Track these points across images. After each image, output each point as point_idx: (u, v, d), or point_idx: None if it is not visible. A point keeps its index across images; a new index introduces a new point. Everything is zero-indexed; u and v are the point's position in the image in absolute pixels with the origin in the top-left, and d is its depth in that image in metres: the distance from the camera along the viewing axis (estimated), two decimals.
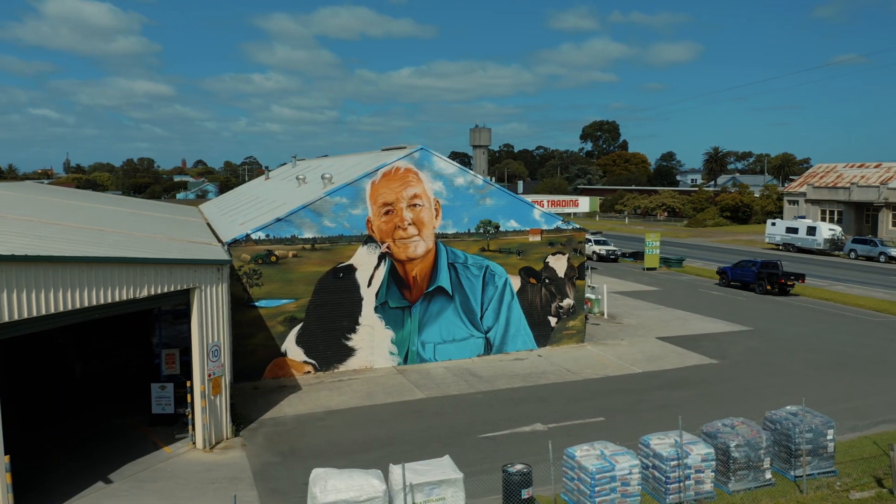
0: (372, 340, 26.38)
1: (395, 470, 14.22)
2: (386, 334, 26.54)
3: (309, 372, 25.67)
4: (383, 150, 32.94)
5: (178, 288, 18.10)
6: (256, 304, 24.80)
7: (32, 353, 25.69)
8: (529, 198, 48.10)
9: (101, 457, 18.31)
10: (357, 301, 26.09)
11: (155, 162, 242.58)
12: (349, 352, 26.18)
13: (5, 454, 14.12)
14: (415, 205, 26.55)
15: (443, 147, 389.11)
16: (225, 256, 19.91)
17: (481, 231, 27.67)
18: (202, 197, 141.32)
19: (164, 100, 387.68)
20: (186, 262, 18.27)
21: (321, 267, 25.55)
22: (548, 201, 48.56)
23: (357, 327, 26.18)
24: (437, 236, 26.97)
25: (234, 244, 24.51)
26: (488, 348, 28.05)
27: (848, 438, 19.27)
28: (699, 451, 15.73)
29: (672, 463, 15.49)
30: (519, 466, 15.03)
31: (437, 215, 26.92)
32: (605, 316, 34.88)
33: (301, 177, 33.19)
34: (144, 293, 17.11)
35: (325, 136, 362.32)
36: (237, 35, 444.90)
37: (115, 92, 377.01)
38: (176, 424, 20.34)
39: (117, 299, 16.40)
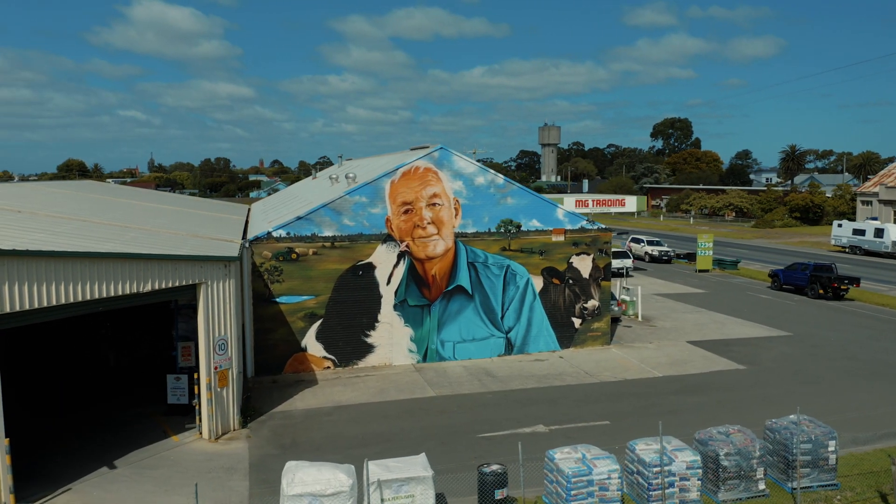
0: (391, 338, 26.65)
1: (371, 465, 14.40)
2: (405, 332, 26.77)
3: (328, 367, 26.15)
4: (411, 149, 33.19)
5: (184, 283, 18.76)
6: (277, 300, 25.43)
7: (74, 342, 27.20)
8: (576, 197, 47.68)
9: (112, 443, 19.16)
10: (376, 299, 26.41)
11: (231, 161, 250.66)
12: (368, 348, 26.53)
13: (6, 437, 15.00)
14: (434, 204, 26.68)
15: (513, 146, 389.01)
16: (233, 253, 20.50)
17: (502, 230, 27.57)
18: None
19: (244, 101, 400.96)
20: (191, 258, 18.92)
21: (341, 265, 25.98)
22: (593, 200, 47.88)
23: (376, 324, 26.51)
24: (457, 235, 27.02)
25: (255, 241, 25.21)
26: (509, 348, 27.92)
27: (862, 450, 18.38)
28: (685, 459, 15.30)
29: (654, 469, 15.13)
30: (494, 467, 14.99)
31: (456, 214, 26.97)
32: (640, 318, 34.18)
33: (334, 176, 33.80)
34: (148, 287, 17.81)
35: (398, 136, 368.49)
36: (315, 37, 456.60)
37: (199, 94, 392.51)
38: (189, 414, 21.06)
39: (120, 293, 17.13)
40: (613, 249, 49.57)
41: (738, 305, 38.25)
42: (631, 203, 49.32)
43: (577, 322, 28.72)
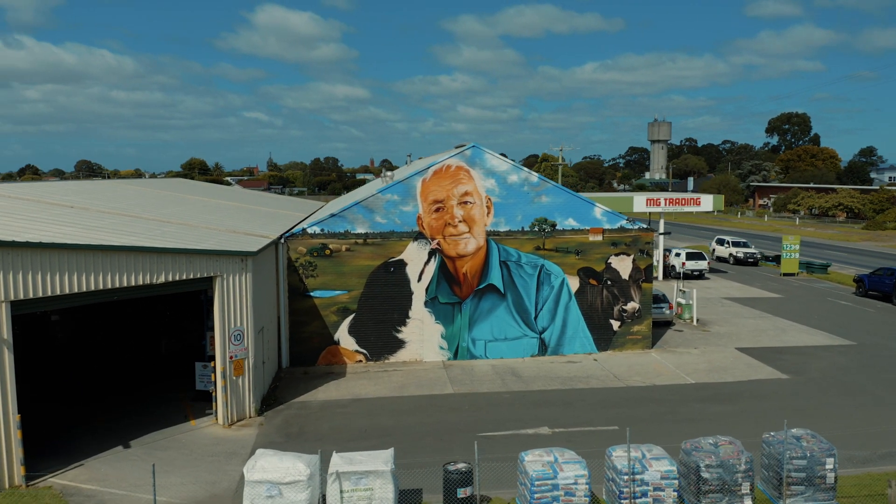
0: (422, 334, 26.93)
1: (334, 457, 14.79)
2: (436, 329, 26.98)
3: (360, 361, 26.75)
4: (456, 147, 33.22)
5: (199, 276, 19.77)
6: (311, 294, 26.27)
7: (135, 329, 29.23)
8: (647, 196, 46.30)
9: (136, 425, 20.46)
10: (407, 295, 26.76)
11: (339, 161, 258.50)
12: (399, 344, 26.92)
13: (18, 413, 16.40)
14: (466, 202, 26.73)
15: (623, 142, 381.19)
16: (251, 249, 21.36)
17: (536, 229, 27.24)
18: None
19: (360, 102, 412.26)
20: (206, 252, 19.89)
21: (373, 261, 26.51)
22: (665, 199, 46.11)
23: (407, 320, 26.87)
24: (489, 234, 26.95)
25: (291, 237, 26.13)
26: (543, 349, 27.57)
27: (882, 470, 17.01)
28: (659, 468, 14.75)
29: (625, 477, 14.68)
30: (460, 466, 14.99)
31: (488, 213, 26.91)
32: (695, 322, 32.83)
33: (384, 175, 34.37)
34: (161, 279, 18.90)
35: (507, 134, 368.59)
36: (427, 39, 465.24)
37: (317, 96, 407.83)
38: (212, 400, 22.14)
39: (133, 284, 18.28)
40: (688, 250, 47.83)
41: (810, 312, 36.01)
42: (707, 202, 47.05)
43: (615, 324, 27.98)
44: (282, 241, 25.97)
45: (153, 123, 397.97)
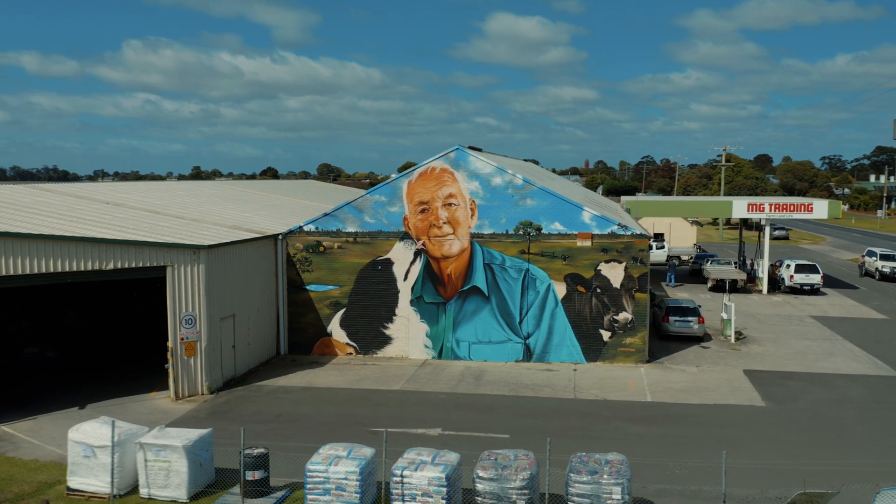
0: (408, 332, 27.68)
1: (153, 430, 16.53)
2: (421, 328, 27.57)
3: (350, 353, 28.14)
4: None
5: (148, 265, 22.44)
6: (307, 287, 28.15)
7: None
8: (748, 200, 42.56)
9: (110, 391, 23.65)
10: (394, 293, 27.65)
11: (539, 162, 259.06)
12: (386, 340, 27.90)
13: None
14: (450, 204, 27.01)
15: (870, 141, 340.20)
16: (205, 242, 23.61)
17: (521, 232, 26.74)
18: None
19: (586, 104, 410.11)
20: (155, 244, 22.50)
21: (362, 259, 27.76)
22: (770, 205, 41.68)
23: (394, 318, 27.76)
24: (473, 236, 26.98)
25: (289, 234, 28.21)
26: (528, 355, 27.00)
27: None
28: (428, 474, 14.56)
29: (395, 479, 14.70)
30: (257, 451, 15.90)
31: (472, 215, 26.94)
32: (732, 340, 29.84)
33: None
34: (111, 266, 21.81)
35: (745, 132, 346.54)
36: (659, 37, 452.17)
37: (544, 99, 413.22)
38: None
39: (81, 269, 21.33)
40: (798, 262, 43.00)
41: None
42: (821, 209, 41.72)
43: (605, 335, 26.58)
44: (280, 237, 28.10)
45: (394, 130, 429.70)
